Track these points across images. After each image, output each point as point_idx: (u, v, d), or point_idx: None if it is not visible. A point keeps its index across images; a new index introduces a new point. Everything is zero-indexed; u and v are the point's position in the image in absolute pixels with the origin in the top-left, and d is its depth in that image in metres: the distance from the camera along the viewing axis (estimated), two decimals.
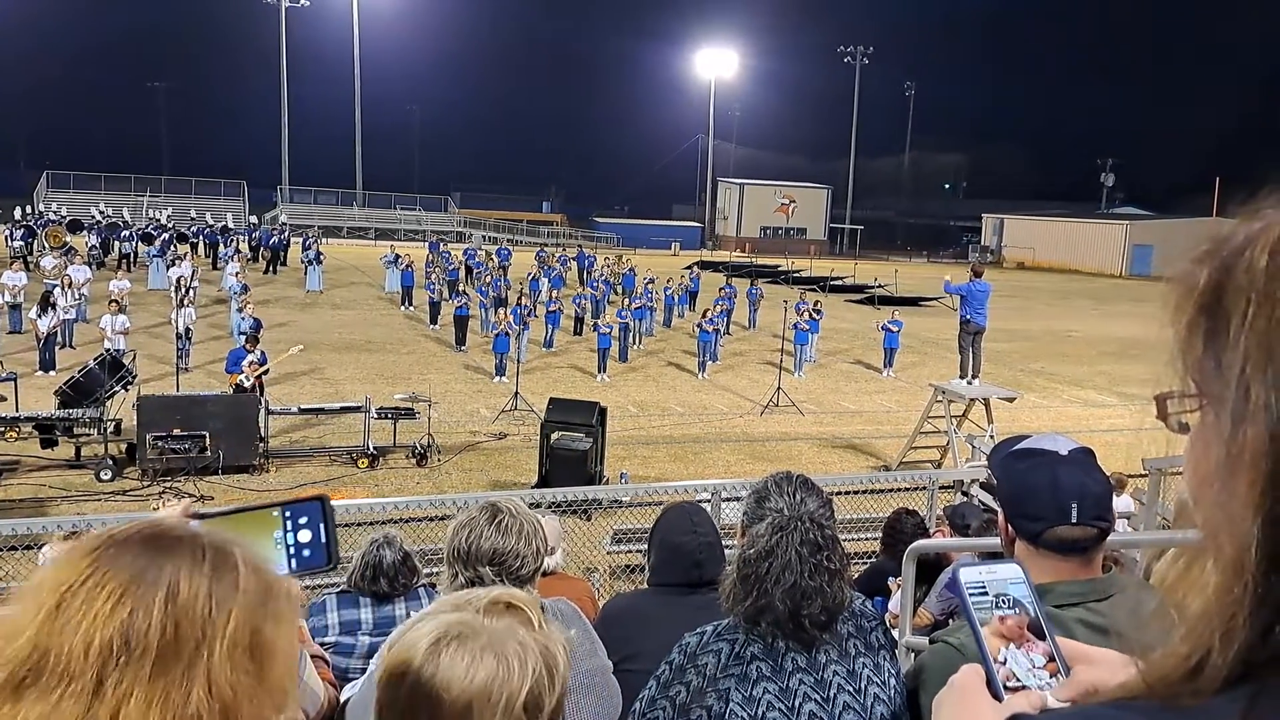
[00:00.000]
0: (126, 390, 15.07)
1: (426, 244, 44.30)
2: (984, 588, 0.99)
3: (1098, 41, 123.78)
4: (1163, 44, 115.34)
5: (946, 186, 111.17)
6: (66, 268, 25.63)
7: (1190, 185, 70.08)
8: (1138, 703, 0.70)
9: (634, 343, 25.45)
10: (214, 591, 0.94)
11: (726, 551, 3.29)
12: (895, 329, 24.13)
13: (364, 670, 3.15)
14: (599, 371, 22.05)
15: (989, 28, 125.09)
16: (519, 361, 20.55)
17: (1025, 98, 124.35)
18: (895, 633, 4.08)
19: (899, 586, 5.13)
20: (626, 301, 29.02)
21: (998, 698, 0.91)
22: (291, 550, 1.43)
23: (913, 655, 3.70)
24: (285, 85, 68.20)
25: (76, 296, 23.50)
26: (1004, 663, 0.93)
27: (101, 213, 47.46)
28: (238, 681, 0.93)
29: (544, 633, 1.43)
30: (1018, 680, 0.93)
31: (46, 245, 33.97)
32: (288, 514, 1.45)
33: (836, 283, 42.31)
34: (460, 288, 30.77)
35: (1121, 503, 9.15)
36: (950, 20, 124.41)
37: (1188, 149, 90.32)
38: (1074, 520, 1.91)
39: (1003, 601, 0.98)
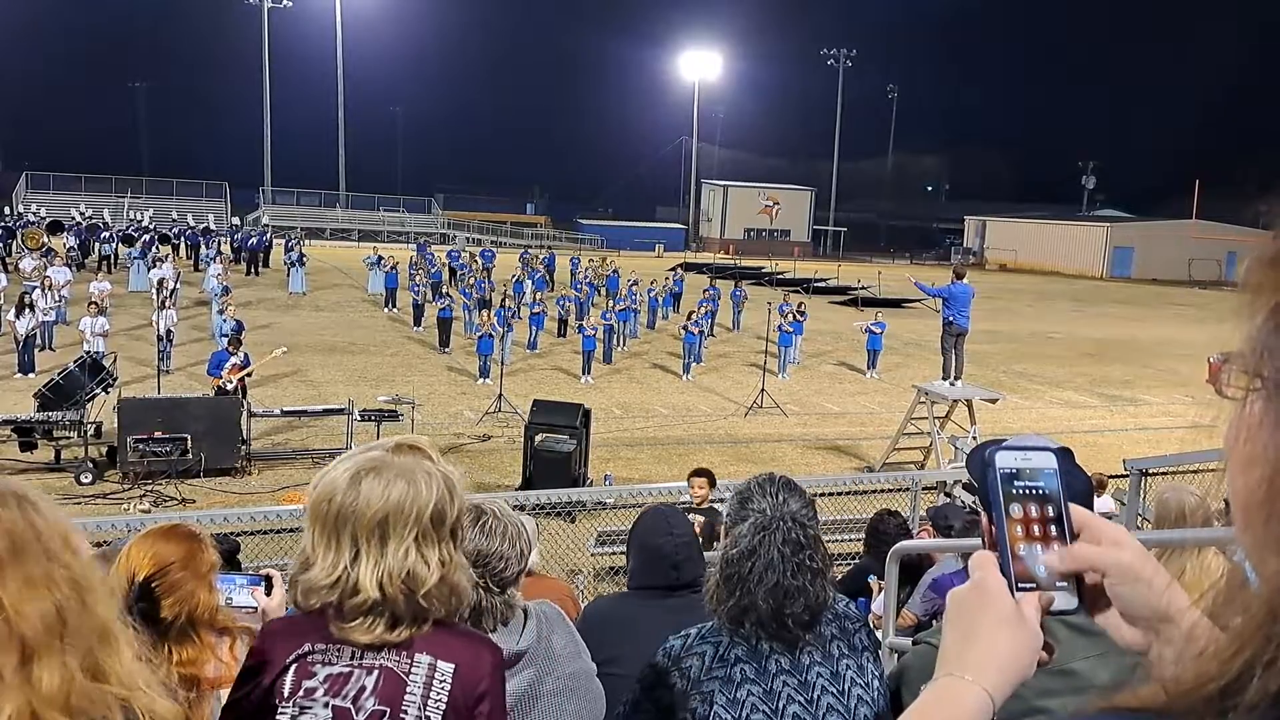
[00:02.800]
0: (107, 393, 14.95)
1: (415, 245, 44.21)
2: (1016, 474, 0.94)
3: (1079, 45, 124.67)
4: (1143, 47, 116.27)
5: (929, 188, 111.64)
6: (46, 269, 25.41)
7: (1170, 188, 70.68)
8: (1154, 717, 0.66)
9: (618, 344, 25.43)
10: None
11: (709, 553, 3.30)
12: (878, 330, 24.19)
13: None
14: (583, 373, 22.03)
15: (972, 31, 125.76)
16: (503, 363, 20.51)
17: (1007, 101, 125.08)
18: (879, 634, 4.09)
19: (881, 588, 5.14)
20: (610, 303, 29.01)
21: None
22: None
23: (896, 656, 3.72)
24: (268, 86, 67.88)
25: (56, 298, 23.27)
26: (1021, 559, 0.91)
27: (81, 214, 47.09)
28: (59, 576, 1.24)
29: (444, 466, 1.80)
30: (1032, 579, 0.90)
31: (25, 247, 33.64)
32: None
33: (820, 284, 42.40)
34: (444, 289, 30.67)
35: (1102, 503, 9.22)
36: (933, 23, 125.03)
37: (1168, 152, 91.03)
38: None
39: (1031, 490, 0.94)
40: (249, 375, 16.06)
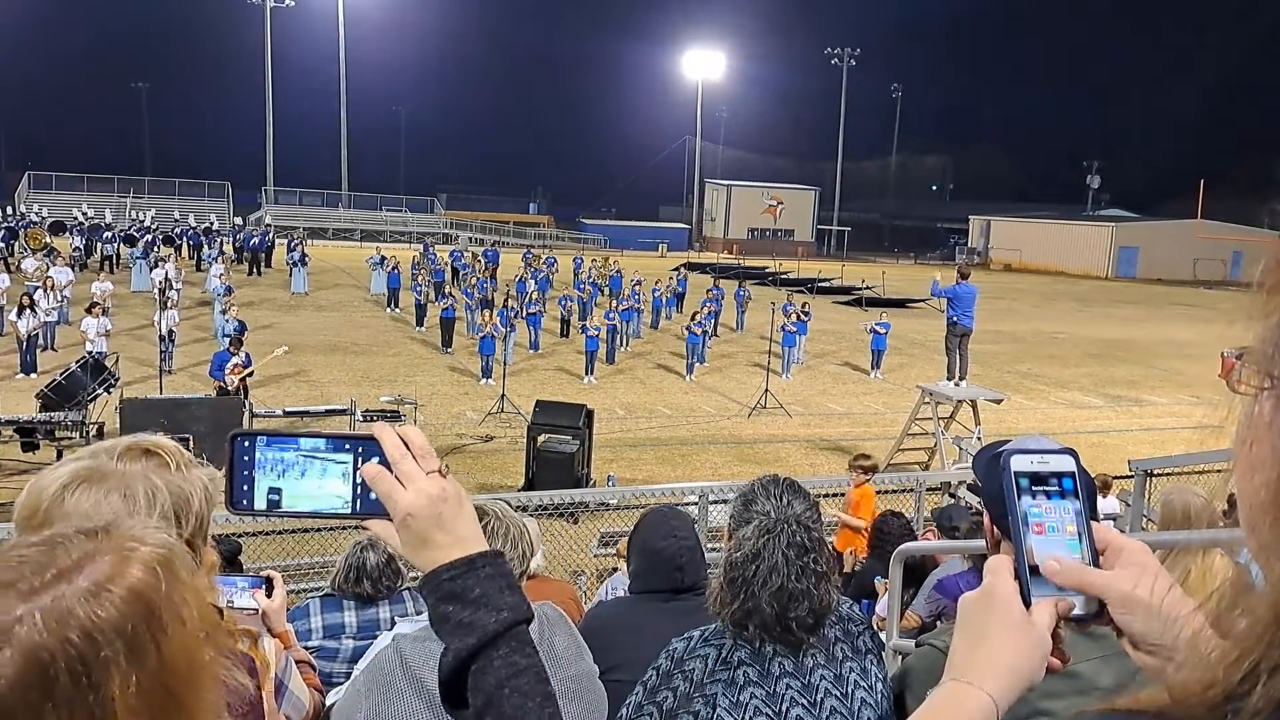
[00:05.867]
0: (109, 393, 14.96)
1: (421, 245, 44.24)
2: (1032, 478, 0.93)
3: (1084, 44, 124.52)
4: (1148, 47, 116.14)
5: (933, 188, 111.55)
6: (48, 269, 25.44)
7: (1175, 187, 70.58)
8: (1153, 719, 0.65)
9: (621, 345, 25.42)
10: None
11: (712, 555, 3.28)
12: (883, 331, 24.17)
13: (348, 674, 3.12)
14: (586, 373, 22.02)
15: (976, 30, 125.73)
16: (505, 364, 20.50)
17: (1012, 100, 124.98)
18: (882, 635, 4.07)
19: (886, 588, 5.13)
20: (614, 303, 28.99)
21: (1026, 604, 0.89)
22: (358, 490, 1.23)
23: (900, 658, 3.70)
24: (270, 86, 67.95)
25: (58, 298, 23.28)
26: (1037, 563, 0.90)
27: (84, 214, 47.14)
28: None
29: (181, 475, 1.55)
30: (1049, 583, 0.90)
31: (28, 247, 33.73)
32: (359, 449, 1.24)
33: (824, 284, 42.39)
34: (446, 289, 30.67)
35: (1106, 504, 9.19)
36: (937, 23, 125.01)
37: (1173, 151, 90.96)
38: None
39: (1049, 494, 0.93)
40: (251, 375, 16.06)
